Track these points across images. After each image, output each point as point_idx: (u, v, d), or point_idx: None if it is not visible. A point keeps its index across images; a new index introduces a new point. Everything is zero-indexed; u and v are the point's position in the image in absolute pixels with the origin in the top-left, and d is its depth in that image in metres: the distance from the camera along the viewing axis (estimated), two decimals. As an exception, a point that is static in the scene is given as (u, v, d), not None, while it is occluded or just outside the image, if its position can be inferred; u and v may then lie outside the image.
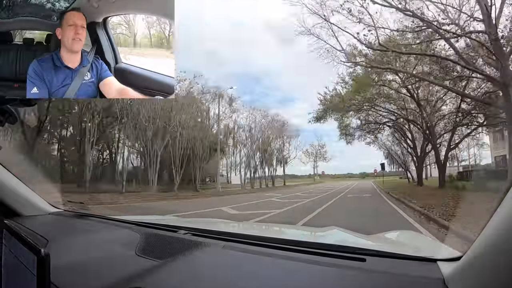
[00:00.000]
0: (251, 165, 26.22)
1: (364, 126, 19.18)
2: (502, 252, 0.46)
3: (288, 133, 29.05)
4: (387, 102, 16.17)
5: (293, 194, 15.07)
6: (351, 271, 0.70)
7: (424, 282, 0.63)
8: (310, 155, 34.82)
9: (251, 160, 26.07)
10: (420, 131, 16.61)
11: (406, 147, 20.90)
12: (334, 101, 16.13)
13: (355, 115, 18.00)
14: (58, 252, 0.82)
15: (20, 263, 0.63)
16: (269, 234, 1.28)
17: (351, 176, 41.38)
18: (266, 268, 0.78)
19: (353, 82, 14.44)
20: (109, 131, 18.99)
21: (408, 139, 18.95)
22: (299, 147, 31.51)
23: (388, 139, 22.98)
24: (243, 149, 25.95)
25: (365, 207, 8.45)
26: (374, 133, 19.75)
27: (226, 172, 26.92)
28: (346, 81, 15.03)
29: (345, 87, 15.49)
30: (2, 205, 1.27)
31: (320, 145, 34.68)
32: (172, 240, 1.00)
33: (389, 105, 16.68)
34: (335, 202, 10.48)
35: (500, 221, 0.47)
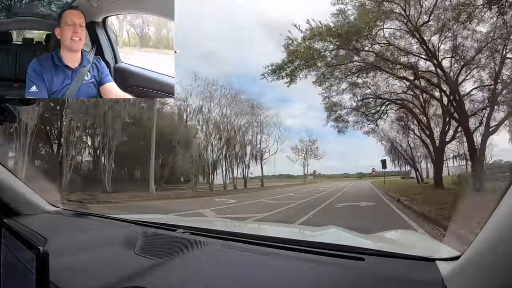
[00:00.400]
0: (224, 162, 21.09)
1: (360, 104, 13.70)
2: (501, 252, 0.46)
3: (266, 121, 23.28)
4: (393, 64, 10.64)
5: (252, 202, 10.65)
6: (350, 270, 0.70)
7: (422, 282, 0.63)
8: (299, 152, 29.98)
9: (220, 155, 20.83)
10: (442, 107, 11.56)
11: (418, 134, 15.85)
12: (310, 44, 10.03)
13: (347, 81, 12.13)
14: (57, 251, 0.82)
15: (19, 262, 0.63)
16: (268, 233, 1.28)
17: (347, 176, 39.46)
18: (264, 267, 0.78)
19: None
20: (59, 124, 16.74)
21: (422, 124, 13.96)
22: (282, 141, 25.14)
23: (393, 126, 17.85)
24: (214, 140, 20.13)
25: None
26: (375, 117, 14.32)
27: (208, 171, 20.28)
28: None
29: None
30: (1, 204, 1.27)
31: (311, 140, 29.82)
32: (171, 239, 1.00)
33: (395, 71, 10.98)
34: (308, 221, 5.86)
35: (499, 221, 0.48)
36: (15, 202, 1.31)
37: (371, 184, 22.44)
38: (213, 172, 20.37)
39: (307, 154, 30.18)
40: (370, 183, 25.28)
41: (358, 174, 38.74)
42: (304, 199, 11.03)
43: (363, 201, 8.97)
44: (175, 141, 18.80)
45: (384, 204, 8.59)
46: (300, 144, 29.67)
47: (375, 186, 19.64)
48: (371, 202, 8.81)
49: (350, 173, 39.92)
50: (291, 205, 9.15)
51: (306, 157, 30.28)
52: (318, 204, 9.08)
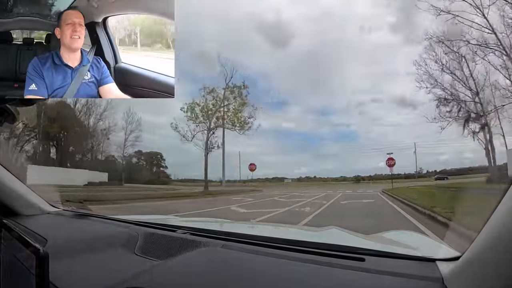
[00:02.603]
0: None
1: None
2: (501, 252, 0.46)
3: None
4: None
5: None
6: (350, 270, 0.70)
7: (423, 282, 0.63)
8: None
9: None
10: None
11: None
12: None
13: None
14: (57, 251, 0.82)
15: (19, 263, 0.63)
16: (268, 234, 1.28)
17: (344, 180, 36.35)
18: (265, 267, 0.78)
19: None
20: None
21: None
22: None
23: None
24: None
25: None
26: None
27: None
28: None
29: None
30: (1, 205, 1.26)
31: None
32: (171, 239, 1.00)
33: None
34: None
35: (499, 220, 0.48)
36: (14, 202, 1.31)
37: (386, 198, 11.46)
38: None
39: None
40: (381, 193, 13.93)
41: (356, 177, 35.96)
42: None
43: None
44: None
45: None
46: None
47: (398, 204, 8.89)
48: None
49: (347, 176, 36.92)
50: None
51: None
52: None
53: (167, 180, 29.55)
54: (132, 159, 25.83)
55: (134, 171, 25.46)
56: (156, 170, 31.33)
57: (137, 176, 24.57)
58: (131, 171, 24.40)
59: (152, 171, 30.30)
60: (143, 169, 28.95)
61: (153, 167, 30.93)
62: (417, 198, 8.92)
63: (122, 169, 23.17)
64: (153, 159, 30.45)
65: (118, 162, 22.99)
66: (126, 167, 24.26)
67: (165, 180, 29.37)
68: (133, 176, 23.90)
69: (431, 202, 7.16)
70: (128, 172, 23.68)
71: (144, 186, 21.92)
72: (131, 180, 22.46)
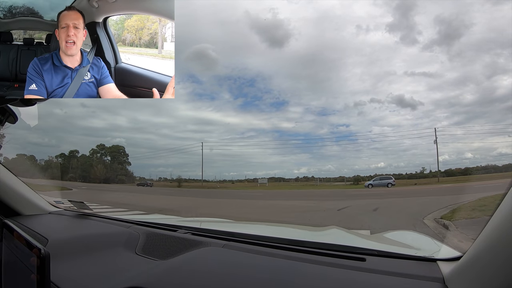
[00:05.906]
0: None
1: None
2: (502, 252, 0.46)
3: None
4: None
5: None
6: (351, 270, 0.70)
7: (424, 282, 0.63)
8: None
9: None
10: None
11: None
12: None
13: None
14: (58, 251, 0.82)
15: (21, 263, 0.63)
16: (269, 234, 1.28)
17: (342, 180, 35.03)
18: (265, 267, 0.78)
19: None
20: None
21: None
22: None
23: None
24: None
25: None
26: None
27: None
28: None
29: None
30: (3, 205, 1.27)
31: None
32: (172, 239, 1.00)
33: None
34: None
35: (500, 221, 0.47)
36: (16, 203, 1.31)
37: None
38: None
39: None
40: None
41: (355, 177, 34.35)
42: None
43: None
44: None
45: None
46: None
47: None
48: None
49: (346, 177, 35.66)
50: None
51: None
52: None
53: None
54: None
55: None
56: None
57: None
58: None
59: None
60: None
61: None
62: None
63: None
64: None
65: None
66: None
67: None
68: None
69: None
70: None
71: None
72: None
